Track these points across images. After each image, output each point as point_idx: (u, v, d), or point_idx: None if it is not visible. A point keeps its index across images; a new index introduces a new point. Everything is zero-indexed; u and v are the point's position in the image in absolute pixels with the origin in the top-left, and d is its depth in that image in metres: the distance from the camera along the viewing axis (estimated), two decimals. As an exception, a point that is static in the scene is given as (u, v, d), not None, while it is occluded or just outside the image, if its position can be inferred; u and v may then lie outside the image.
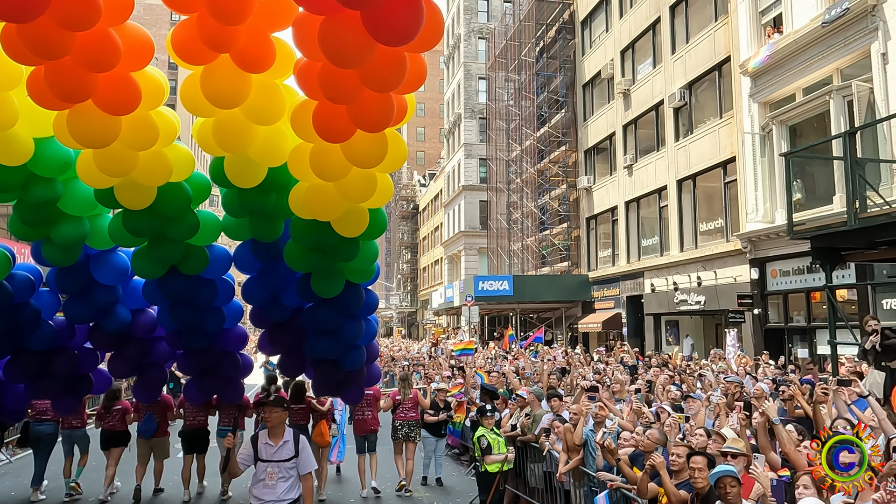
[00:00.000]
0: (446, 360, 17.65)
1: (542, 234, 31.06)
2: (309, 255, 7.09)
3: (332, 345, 7.90)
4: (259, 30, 5.24)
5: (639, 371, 13.54)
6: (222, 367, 8.63)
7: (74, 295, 7.86)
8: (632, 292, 24.38)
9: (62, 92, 5.05)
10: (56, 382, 8.14)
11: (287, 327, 8.39)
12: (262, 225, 7.25)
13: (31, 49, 4.66)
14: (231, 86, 5.46)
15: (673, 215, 21.68)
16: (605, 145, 27.21)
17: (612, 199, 26.20)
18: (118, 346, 8.39)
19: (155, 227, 6.90)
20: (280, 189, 6.81)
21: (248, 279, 8.30)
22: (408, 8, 4.32)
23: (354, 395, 8.97)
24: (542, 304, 28.78)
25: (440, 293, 35.46)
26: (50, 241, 7.13)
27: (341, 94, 4.93)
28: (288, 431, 5.41)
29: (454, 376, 13.17)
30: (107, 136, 5.51)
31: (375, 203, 6.73)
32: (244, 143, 6.12)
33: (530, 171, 32.02)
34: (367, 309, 8.31)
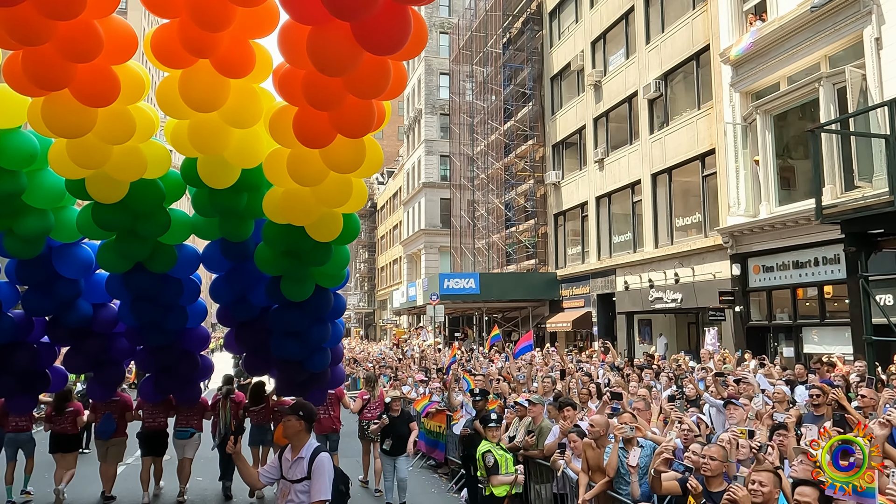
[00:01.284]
0: (417, 363, 16.48)
1: (507, 231, 30.13)
2: (280, 259, 7.05)
3: (297, 346, 7.85)
4: (239, 36, 5.25)
5: (624, 373, 12.62)
6: (182, 366, 8.53)
7: (35, 287, 7.59)
8: (603, 290, 23.62)
9: (38, 79, 4.96)
10: (13, 379, 7.83)
11: (253, 326, 8.34)
12: (233, 225, 7.22)
13: (12, 34, 4.56)
14: (210, 90, 5.46)
15: (647, 210, 20.98)
16: (574, 139, 26.43)
17: (581, 195, 25.43)
18: (77, 340, 8.12)
19: (125, 222, 6.78)
20: (251, 189, 6.84)
21: (215, 278, 8.18)
22: (397, 19, 4.33)
23: (318, 396, 8.83)
24: (509, 303, 27.85)
25: (402, 292, 34.22)
26: (12, 233, 6.94)
27: (325, 100, 4.91)
28: (308, 447, 4.43)
29: (430, 379, 12.00)
30: (81, 127, 5.43)
31: (351, 208, 6.72)
32: (220, 145, 6.13)
33: (496, 165, 31.07)
34: (335, 313, 8.30)
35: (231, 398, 9.26)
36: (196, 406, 9.14)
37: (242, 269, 7.88)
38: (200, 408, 9.21)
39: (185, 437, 9.02)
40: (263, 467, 4.69)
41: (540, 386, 8.91)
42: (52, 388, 8.64)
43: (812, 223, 14.31)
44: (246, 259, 7.64)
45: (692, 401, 8.92)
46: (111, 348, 8.41)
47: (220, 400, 9.23)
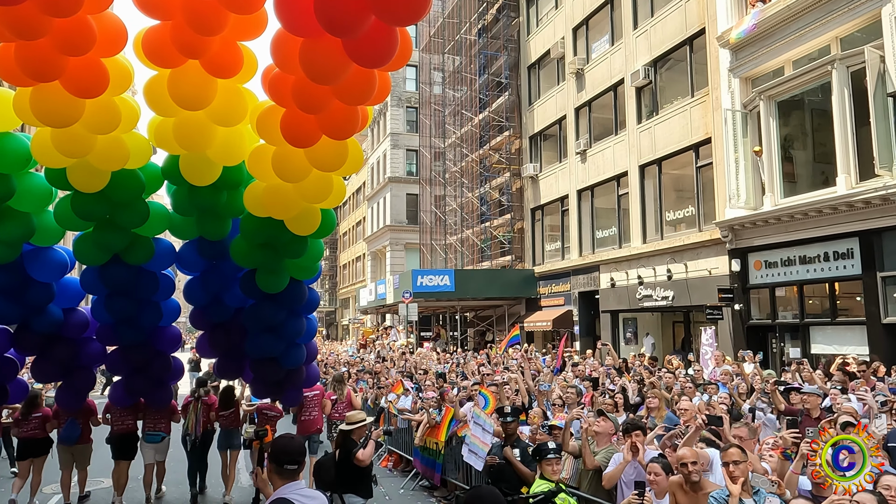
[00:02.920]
0: (395, 368, 15.06)
1: (481, 226, 28.90)
2: (256, 252, 7.18)
3: (273, 342, 7.89)
4: (229, 38, 5.42)
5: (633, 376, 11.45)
6: (154, 367, 8.49)
7: (5, 293, 7.34)
8: (585, 288, 22.58)
9: (32, 71, 5.08)
10: None
11: (227, 329, 8.34)
12: (211, 223, 7.30)
13: (10, 30, 4.69)
14: (198, 89, 5.61)
15: (635, 204, 19.98)
16: (553, 130, 25.33)
17: (561, 188, 24.35)
18: (45, 348, 7.89)
19: (104, 212, 6.83)
20: (231, 188, 6.97)
21: (190, 279, 8.21)
22: (385, 35, 4.56)
23: (293, 396, 8.95)
24: (484, 301, 26.61)
25: (369, 290, 32.64)
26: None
27: (313, 105, 5.13)
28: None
29: (420, 387, 10.60)
30: (70, 117, 5.53)
31: (330, 204, 6.93)
32: (205, 142, 6.26)
33: (469, 158, 29.80)
34: (309, 306, 8.36)
35: (203, 400, 9.32)
36: (164, 409, 9.05)
37: (217, 270, 7.94)
38: (169, 411, 9.12)
39: (156, 441, 8.97)
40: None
41: (556, 397, 7.56)
42: (11, 400, 8.34)
43: (822, 215, 13.45)
44: (222, 259, 7.73)
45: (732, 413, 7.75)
46: (81, 353, 8.21)
47: (191, 402, 9.28)
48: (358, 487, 5.95)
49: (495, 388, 8.26)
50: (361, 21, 4.29)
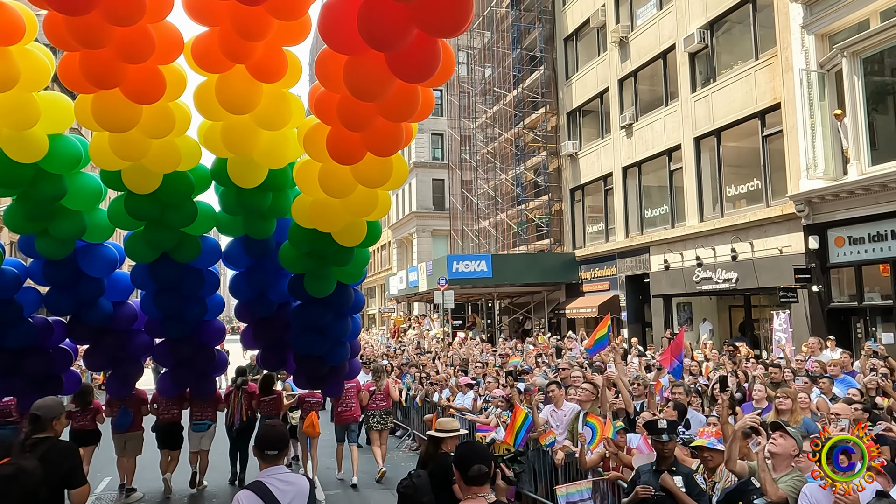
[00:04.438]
0: (440, 358, 13.83)
1: (516, 209, 27.52)
2: (304, 258, 7.41)
3: (319, 341, 8.17)
4: (274, 44, 5.58)
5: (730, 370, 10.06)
6: (198, 359, 8.81)
7: (59, 287, 7.79)
8: (632, 271, 21.16)
9: (95, 78, 5.28)
10: (25, 381, 8.00)
11: (271, 322, 8.67)
12: (257, 223, 7.54)
13: (77, 39, 4.88)
14: (244, 94, 5.83)
15: (690, 180, 18.48)
16: (594, 105, 23.83)
17: (604, 166, 22.88)
18: (96, 338, 8.33)
19: (155, 213, 7.07)
20: (277, 189, 7.20)
21: (235, 275, 8.55)
22: (428, 50, 4.63)
23: (335, 388, 9.33)
24: (522, 287, 25.28)
25: (399, 278, 31.47)
26: (47, 234, 7.15)
27: (358, 123, 5.25)
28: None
29: (487, 385, 9.33)
30: (128, 122, 5.75)
31: (376, 216, 7.09)
32: (251, 146, 6.51)
33: (503, 138, 28.38)
34: (354, 308, 8.59)
35: (244, 389, 9.58)
36: (209, 399, 9.38)
37: (263, 266, 8.15)
38: (214, 400, 9.48)
39: (202, 430, 9.27)
40: None
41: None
42: (65, 391, 8.74)
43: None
44: (267, 256, 7.95)
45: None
46: (130, 345, 8.63)
47: (233, 391, 9.56)
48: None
49: (589, 392, 6.92)
50: (405, 34, 4.34)
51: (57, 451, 4.29)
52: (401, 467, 10.68)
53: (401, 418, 13.44)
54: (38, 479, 4.04)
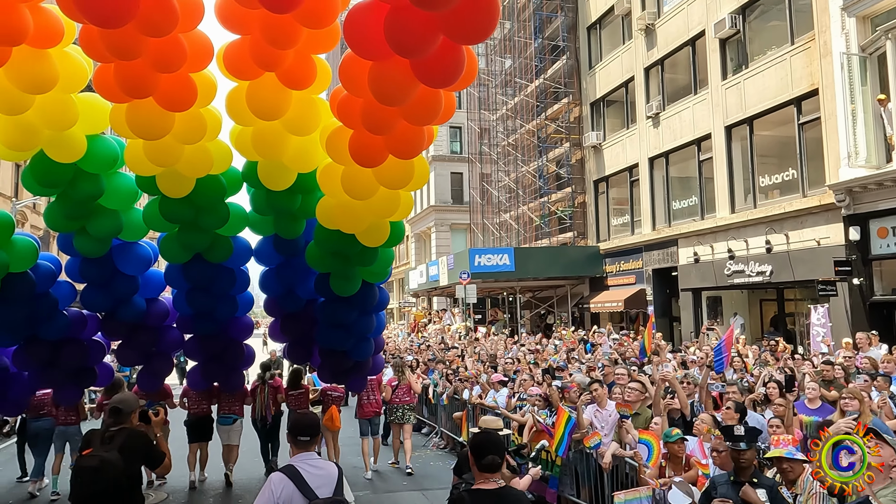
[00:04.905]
0: (468, 353, 13.46)
1: (538, 201, 27.04)
2: (329, 258, 7.55)
3: (344, 337, 8.34)
4: (303, 52, 5.69)
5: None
6: (228, 355, 9.00)
7: (96, 284, 7.95)
8: (659, 264, 20.66)
9: (129, 89, 5.37)
10: (62, 373, 8.21)
11: (298, 317, 8.83)
12: (286, 223, 7.71)
13: (112, 51, 4.97)
14: (275, 101, 5.93)
15: (720, 169, 17.93)
16: (618, 95, 23.29)
17: (629, 157, 22.35)
18: (130, 335, 8.51)
19: (189, 216, 7.24)
20: (306, 192, 7.37)
21: (265, 271, 8.69)
22: (452, 55, 4.64)
23: (358, 383, 9.43)
24: (545, 281, 24.84)
25: (419, 272, 31.13)
26: (85, 232, 7.33)
27: (381, 126, 5.28)
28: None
29: (522, 382, 8.95)
30: (161, 129, 5.85)
31: (398, 217, 7.22)
32: (280, 150, 6.64)
33: (524, 129, 27.88)
34: (379, 305, 8.70)
35: (269, 384, 9.72)
36: (237, 393, 9.50)
37: (291, 264, 8.31)
38: (241, 395, 9.58)
39: (229, 424, 9.37)
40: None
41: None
42: (98, 382, 9.06)
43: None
44: (296, 255, 8.08)
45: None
46: (162, 341, 8.82)
47: (258, 386, 9.72)
48: None
49: (638, 391, 6.51)
50: (431, 41, 4.37)
51: (133, 438, 4.56)
52: (429, 466, 10.41)
53: (427, 415, 13.12)
54: (119, 469, 4.27)
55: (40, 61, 5.50)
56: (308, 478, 3.74)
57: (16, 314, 7.39)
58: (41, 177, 6.73)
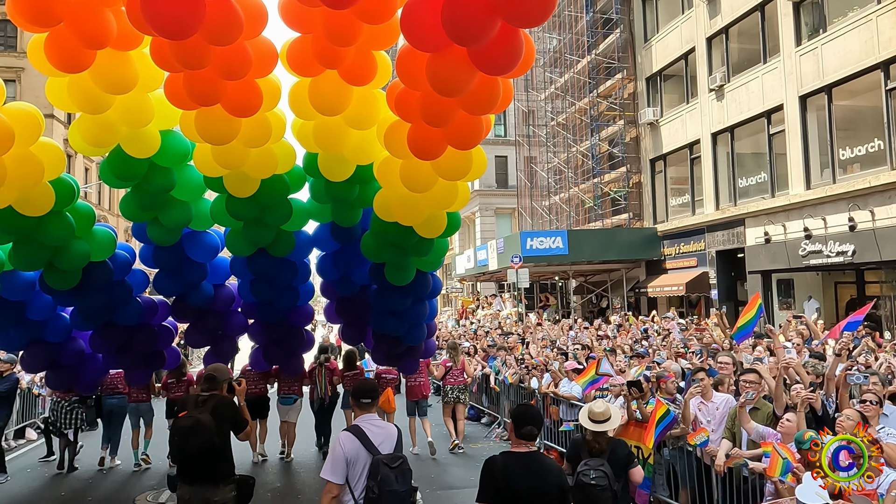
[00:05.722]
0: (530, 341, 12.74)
1: (590, 182, 26.04)
2: (385, 249, 7.78)
3: (398, 323, 8.63)
4: (364, 48, 5.74)
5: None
6: (289, 340, 9.38)
7: (167, 271, 8.51)
8: (724, 245, 19.56)
9: (198, 97, 5.54)
10: (135, 356, 8.78)
11: (353, 301, 9.16)
12: (344, 212, 8.04)
13: (181, 61, 5.10)
14: (336, 97, 6.09)
15: (794, 143, 16.73)
16: (677, 68, 22.12)
17: (690, 133, 21.21)
18: (197, 318, 9.06)
19: (254, 213, 7.53)
20: (363, 182, 7.54)
21: (322, 255, 9.00)
22: (510, 41, 4.58)
23: (411, 365, 9.76)
24: (600, 265, 23.91)
25: (467, 257, 30.45)
26: (158, 222, 7.78)
27: (439, 118, 5.32)
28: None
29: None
30: (229, 135, 6.04)
31: (456, 208, 7.30)
32: (341, 144, 6.84)
33: (576, 106, 26.85)
34: (432, 293, 8.84)
35: (326, 366, 10.03)
36: (296, 374, 9.86)
37: (347, 251, 8.57)
38: (300, 376, 9.94)
39: (289, 403, 9.77)
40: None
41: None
42: (167, 365, 9.65)
43: None
44: (352, 241, 8.32)
45: None
46: (227, 325, 9.38)
47: (316, 368, 10.01)
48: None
49: (755, 383, 5.65)
50: (489, 27, 4.35)
51: (223, 404, 4.97)
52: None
53: (487, 405, 12.49)
54: (212, 429, 4.70)
55: (122, 63, 5.76)
56: (371, 436, 4.13)
57: (95, 301, 7.88)
58: (118, 170, 7.10)
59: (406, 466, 4.12)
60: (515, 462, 3.80)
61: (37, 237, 6.78)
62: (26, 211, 6.43)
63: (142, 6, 4.43)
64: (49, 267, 7.23)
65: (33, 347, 8.42)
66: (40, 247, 6.88)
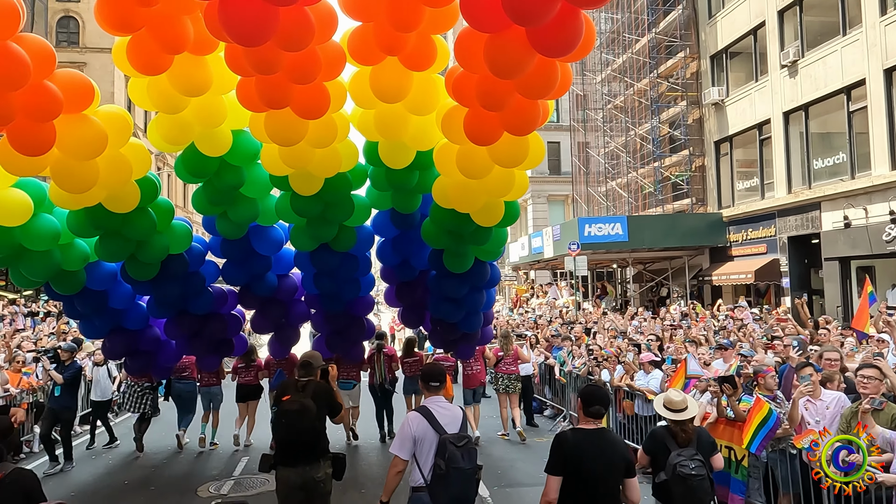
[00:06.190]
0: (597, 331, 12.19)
1: (650, 166, 25.09)
2: (444, 236, 7.89)
3: (455, 310, 8.82)
4: (425, 33, 5.76)
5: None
6: (351, 330, 9.67)
7: (235, 261, 8.86)
8: (797, 231, 18.50)
9: (269, 100, 5.68)
10: (206, 343, 9.29)
11: (412, 286, 9.44)
12: (404, 198, 8.10)
13: (254, 67, 5.24)
14: (397, 84, 6.13)
15: (878, 119, 15.61)
16: (745, 44, 21.00)
17: (759, 113, 20.11)
18: (262, 307, 9.42)
19: (318, 210, 7.69)
20: (423, 168, 7.58)
21: (382, 241, 9.22)
22: (570, 22, 4.52)
23: (466, 352, 9.93)
24: (660, 252, 23.03)
25: (521, 244, 29.86)
26: (226, 217, 8.12)
27: (496, 102, 5.29)
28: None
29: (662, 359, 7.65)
30: (296, 136, 6.22)
31: (513, 196, 7.33)
32: (402, 131, 6.88)
33: (635, 87, 25.89)
34: (491, 282, 9.06)
35: (384, 352, 10.35)
36: (356, 362, 10.19)
37: (407, 237, 8.71)
38: (359, 363, 10.27)
39: (349, 389, 9.99)
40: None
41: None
42: (235, 352, 10.13)
43: None
44: (411, 228, 8.44)
45: None
46: (290, 314, 9.68)
47: (374, 354, 10.33)
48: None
49: (876, 380, 5.02)
50: (550, 6, 4.28)
51: (320, 389, 5.27)
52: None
53: (550, 396, 12.03)
54: (314, 413, 5.01)
55: (197, 67, 5.97)
56: (438, 416, 4.38)
57: (172, 291, 8.26)
58: (191, 168, 7.42)
59: (471, 445, 4.37)
60: (584, 438, 4.03)
61: (122, 232, 7.22)
62: (115, 208, 6.85)
63: (219, 14, 4.58)
64: (132, 259, 7.69)
65: (114, 335, 8.91)
66: (125, 241, 7.34)
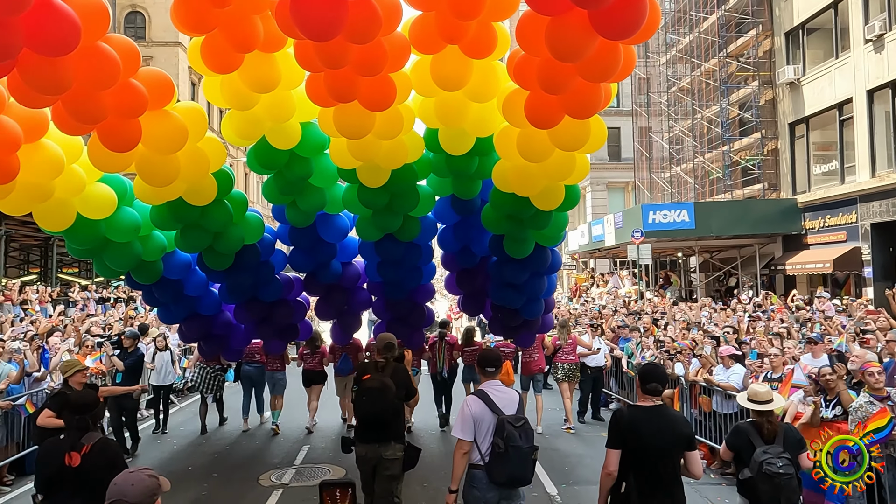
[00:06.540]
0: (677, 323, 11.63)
1: (720, 149, 24.01)
2: (504, 221, 7.97)
3: (515, 296, 8.91)
4: (485, 21, 5.75)
5: None
6: (412, 317, 10.00)
7: (302, 249, 9.15)
8: (881, 217, 17.32)
9: (338, 94, 5.80)
10: (273, 328, 9.67)
11: (473, 272, 9.55)
12: (464, 184, 8.19)
13: (323, 61, 5.34)
14: (458, 72, 6.18)
15: (977, 96, 14.38)
16: (823, 19, 19.75)
17: (839, 92, 18.89)
18: (327, 293, 9.76)
19: (384, 201, 7.90)
20: (483, 154, 7.65)
21: (443, 228, 9.32)
22: (634, 4, 4.48)
23: (526, 339, 10.06)
24: (729, 240, 22.04)
25: (581, 232, 29.16)
26: (295, 205, 8.37)
27: (557, 85, 5.28)
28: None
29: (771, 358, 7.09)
30: (364, 129, 6.35)
31: (574, 180, 7.35)
32: (462, 118, 6.94)
33: (703, 67, 24.79)
34: (552, 268, 9.08)
35: (446, 340, 10.61)
36: (417, 349, 10.29)
37: (468, 223, 8.82)
38: (420, 350, 10.44)
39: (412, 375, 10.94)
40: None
41: None
42: (300, 337, 10.46)
43: None
44: (472, 214, 8.52)
45: None
46: (353, 301, 10.02)
47: (436, 342, 10.64)
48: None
49: None
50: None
51: (400, 371, 5.51)
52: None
53: (616, 389, 11.56)
54: (394, 391, 5.24)
55: (267, 64, 6.13)
56: (495, 399, 4.56)
57: (244, 279, 8.60)
58: (262, 160, 7.64)
59: (528, 426, 4.51)
60: (641, 414, 4.15)
61: (202, 224, 7.51)
62: (194, 201, 7.12)
63: (291, 11, 4.64)
64: (209, 249, 8.01)
65: (190, 321, 9.41)
66: (204, 232, 7.66)
